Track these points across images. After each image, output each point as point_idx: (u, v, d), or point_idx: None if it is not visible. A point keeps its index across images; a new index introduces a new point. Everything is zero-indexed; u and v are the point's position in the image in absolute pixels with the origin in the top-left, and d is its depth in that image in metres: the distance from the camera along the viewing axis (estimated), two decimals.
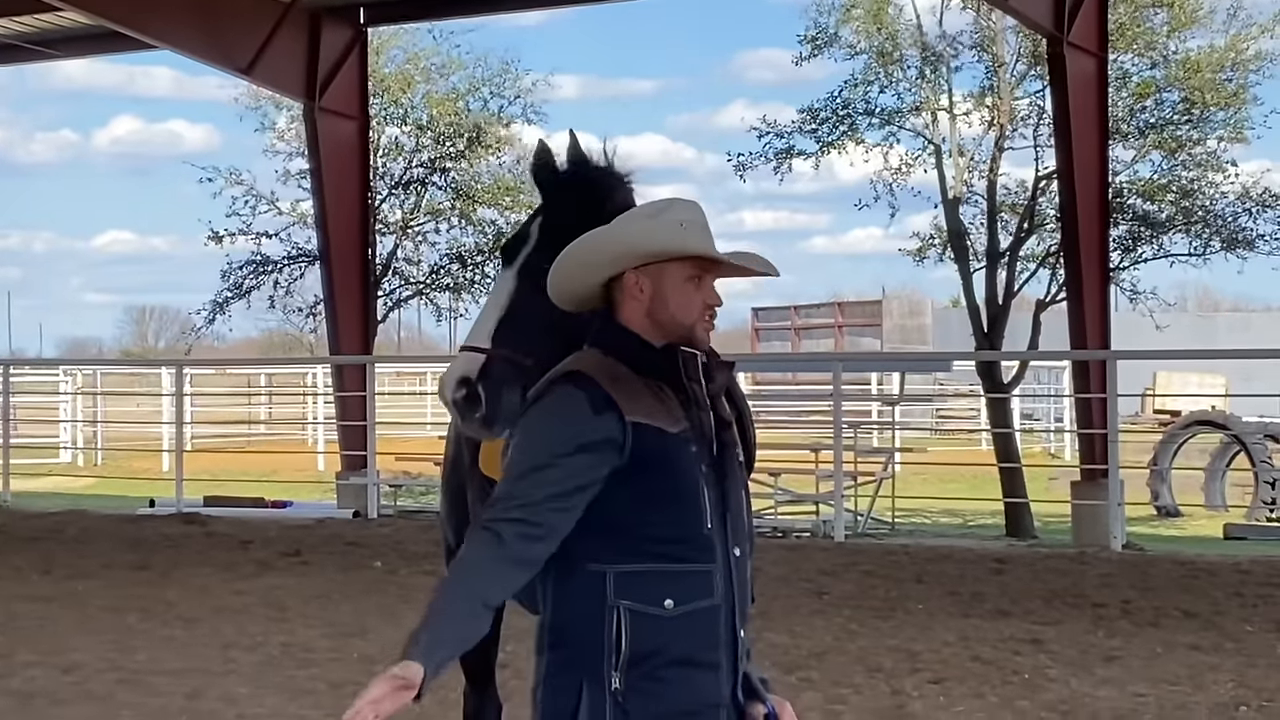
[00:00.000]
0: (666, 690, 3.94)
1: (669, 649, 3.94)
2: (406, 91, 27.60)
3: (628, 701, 3.92)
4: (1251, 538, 20.33)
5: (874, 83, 23.96)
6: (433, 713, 9.17)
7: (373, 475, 20.21)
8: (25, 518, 19.72)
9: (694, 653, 3.97)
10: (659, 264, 4.08)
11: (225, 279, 26.83)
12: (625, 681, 3.92)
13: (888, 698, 9.75)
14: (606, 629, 3.94)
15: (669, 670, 3.94)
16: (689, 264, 4.08)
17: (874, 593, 13.71)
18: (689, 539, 3.99)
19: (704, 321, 4.12)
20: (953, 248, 23.75)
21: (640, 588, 3.95)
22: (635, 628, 3.93)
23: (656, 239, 4.07)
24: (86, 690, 10.02)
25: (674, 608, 3.95)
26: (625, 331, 4.13)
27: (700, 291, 4.11)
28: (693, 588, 3.98)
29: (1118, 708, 9.44)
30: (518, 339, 4.75)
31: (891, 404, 29.54)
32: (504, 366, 4.75)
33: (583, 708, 3.94)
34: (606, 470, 3.95)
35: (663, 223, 4.10)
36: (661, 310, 4.09)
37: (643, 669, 3.93)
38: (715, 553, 4.02)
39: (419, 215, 27.75)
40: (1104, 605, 12.99)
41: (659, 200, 4.24)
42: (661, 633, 3.94)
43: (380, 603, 13.17)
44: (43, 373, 39.33)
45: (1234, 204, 23.05)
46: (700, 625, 3.98)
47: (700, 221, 4.13)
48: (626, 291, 4.11)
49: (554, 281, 4.26)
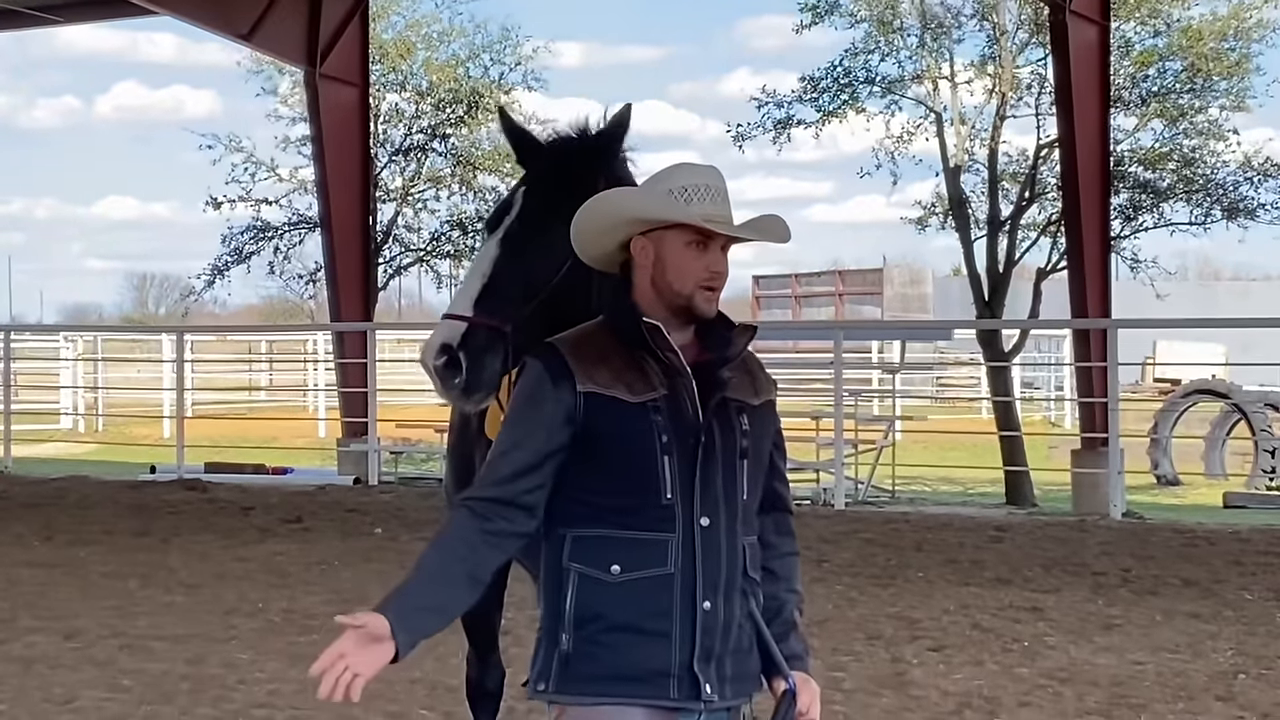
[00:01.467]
0: (607, 654, 3.97)
1: (612, 615, 3.97)
2: (407, 58, 27.57)
3: (570, 664, 3.98)
4: (1251, 506, 20.36)
5: (875, 51, 23.94)
6: (435, 678, 9.23)
7: (373, 442, 20.22)
8: (26, 484, 19.73)
9: (638, 619, 3.97)
10: (661, 229, 4.06)
11: (226, 245, 26.86)
12: (572, 643, 3.98)
13: (887, 665, 9.77)
14: (562, 590, 4.01)
15: (611, 635, 3.96)
16: (689, 229, 4.04)
17: (874, 560, 13.73)
18: (643, 508, 3.98)
19: (703, 290, 4.07)
20: (954, 216, 23.77)
21: (591, 552, 3.99)
22: (581, 591, 3.99)
23: (649, 205, 4.07)
24: (88, 656, 10.04)
25: (619, 574, 3.96)
26: (617, 301, 4.16)
27: (702, 258, 4.06)
28: (643, 556, 3.98)
29: (1117, 675, 9.46)
30: (499, 307, 4.73)
31: (892, 372, 29.55)
32: (484, 334, 4.72)
33: (538, 666, 4.04)
34: (567, 438, 3.99)
35: (658, 189, 4.09)
36: (661, 276, 4.07)
37: (586, 631, 3.97)
38: (675, 523, 3.99)
39: (419, 182, 27.75)
40: (1103, 573, 13.01)
41: (670, 165, 4.19)
42: (606, 597, 3.97)
43: (381, 569, 13.17)
44: (43, 339, 39.31)
45: (1235, 173, 23.04)
46: (649, 593, 3.97)
47: (708, 185, 4.08)
48: (635, 258, 4.12)
49: (576, 244, 4.28)
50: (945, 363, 38.75)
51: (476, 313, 4.74)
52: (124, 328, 62.03)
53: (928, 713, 8.66)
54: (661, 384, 4.03)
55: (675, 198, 4.04)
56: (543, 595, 4.11)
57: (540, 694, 4.03)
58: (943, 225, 24.46)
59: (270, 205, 26.94)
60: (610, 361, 4.04)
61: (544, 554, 4.11)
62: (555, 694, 4.01)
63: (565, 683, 4.00)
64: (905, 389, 33.82)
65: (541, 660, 4.04)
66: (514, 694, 6.74)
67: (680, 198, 4.04)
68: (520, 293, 4.75)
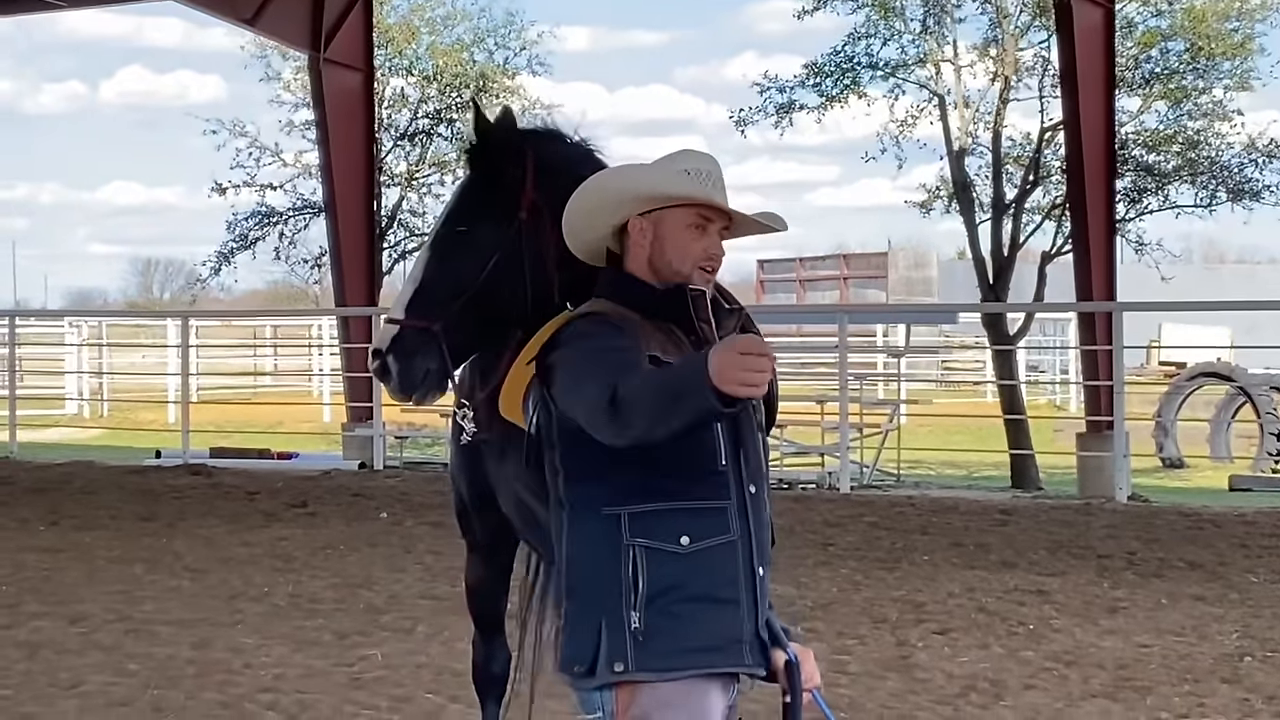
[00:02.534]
0: (686, 626, 3.94)
1: (686, 585, 3.94)
2: (411, 43, 27.53)
3: (648, 639, 3.92)
4: (1256, 489, 20.34)
5: (877, 35, 23.91)
6: (440, 662, 9.24)
7: (379, 427, 20.21)
8: (32, 469, 19.74)
9: (712, 589, 3.97)
10: (661, 210, 4.10)
11: (230, 230, 26.87)
12: (644, 619, 3.92)
13: (893, 648, 9.77)
14: (623, 569, 3.94)
15: (687, 606, 3.94)
16: (692, 211, 4.09)
17: (879, 544, 13.73)
18: (702, 477, 3.99)
19: (701, 272, 4.12)
20: (958, 200, 23.76)
21: (655, 526, 3.95)
22: (651, 565, 3.94)
23: (659, 182, 4.10)
24: (94, 641, 10.05)
25: (690, 544, 3.95)
26: (630, 278, 4.16)
27: (701, 241, 4.12)
28: (708, 524, 3.98)
29: (1122, 658, 9.46)
30: (428, 308, 4.90)
31: (897, 356, 29.52)
32: (414, 335, 4.89)
33: (603, 648, 3.94)
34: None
35: (668, 168, 4.13)
36: (660, 256, 4.11)
37: (660, 605, 3.93)
38: (730, 490, 4.02)
39: (424, 167, 27.73)
40: (1109, 556, 13.00)
41: (674, 151, 4.23)
42: (678, 569, 3.94)
43: (386, 553, 13.19)
44: (48, 324, 39.34)
45: (1240, 155, 23.00)
46: (717, 561, 3.98)
47: (711, 172, 4.13)
48: (632, 238, 4.14)
49: (568, 228, 4.30)
50: (950, 346, 38.76)
51: (408, 316, 4.91)
52: (129, 313, 62.16)
53: (933, 695, 8.66)
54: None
55: (690, 176, 4.09)
56: (582, 578, 4.04)
57: (619, 676, 3.94)
58: (947, 209, 24.46)
59: (275, 190, 26.97)
60: (652, 334, 4.05)
61: (580, 535, 4.05)
62: (636, 672, 3.94)
63: (646, 659, 3.94)
64: (910, 373, 33.81)
65: (606, 643, 3.95)
66: (518, 678, 6.74)
67: (695, 177, 4.09)
68: (449, 292, 4.90)
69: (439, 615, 10.49)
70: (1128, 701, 8.51)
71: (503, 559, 6.21)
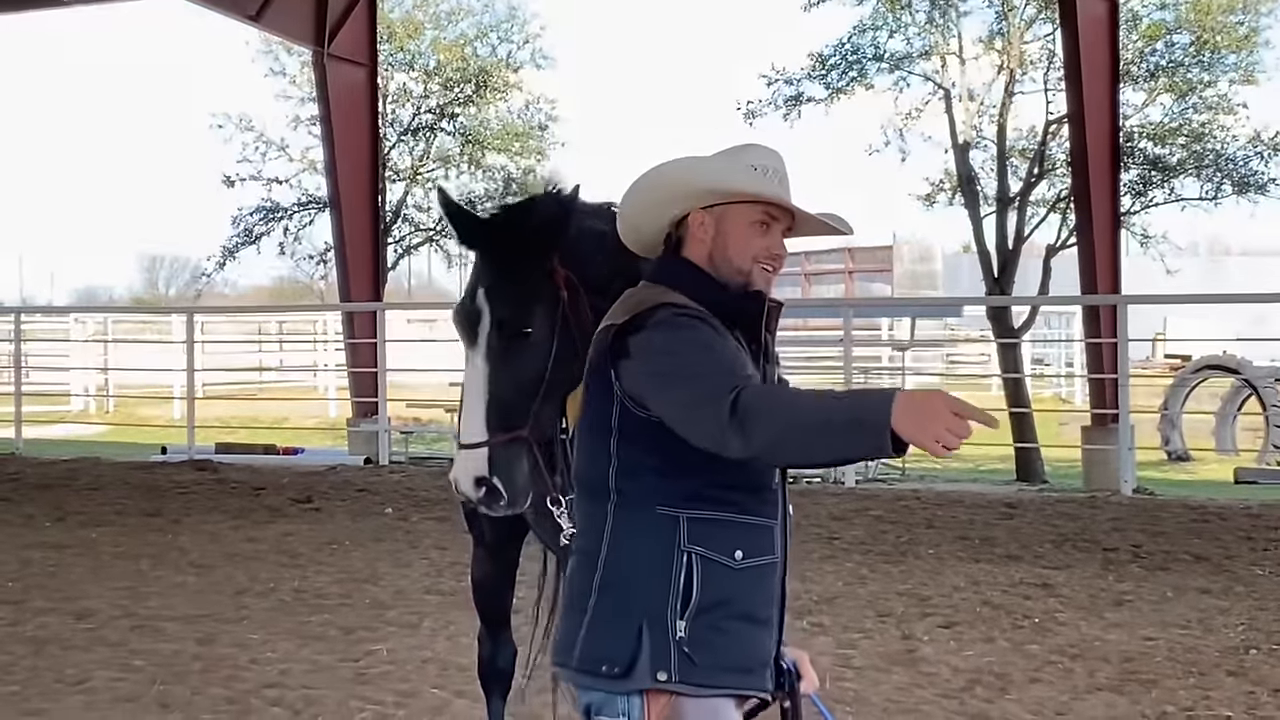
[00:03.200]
0: (728, 643, 3.85)
1: (735, 601, 3.85)
2: (415, 37, 27.57)
3: (694, 651, 3.80)
4: (1262, 482, 20.31)
5: (883, 28, 23.92)
6: (446, 657, 9.25)
7: (384, 422, 20.23)
8: (38, 465, 19.75)
9: (754, 608, 3.90)
10: (725, 205, 3.99)
11: (236, 225, 26.93)
12: (690, 630, 3.80)
13: (898, 642, 9.77)
14: (674, 574, 3.82)
15: (732, 623, 3.85)
16: (757, 208, 3.99)
17: (884, 538, 13.72)
18: (759, 492, 3.91)
19: (761, 269, 4.01)
20: (963, 193, 23.75)
21: (714, 536, 3.84)
22: (706, 576, 3.82)
23: (728, 178, 3.99)
24: (100, 637, 10.05)
25: (742, 560, 3.86)
26: (701, 272, 4.01)
27: (765, 238, 4.01)
28: (759, 542, 3.91)
29: (1128, 651, 9.45)
30: (509, 418, 4.71)
31: (902, 349, 29.55)
32: (505, 449, 4.72)
33: (644, 652, 3.80)
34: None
35: (736, 163, 4.02)
36: (720, 252, 3.99)
37: (708, 619, 3.82)
38: (777, 509, 3.97)
39: (428, 162, 27.77)
40: (1114, 549, 13.00)
41: (738, 144, 4.13)
42: (730, 584, 3.84)
43: (391, 549, 13.20)
44: (54, 320, 39.38)
45: (1245, 147, 23.00)
46: (761, 580, 3.92)
47: (777, 169, 4.04)
48: (691, 232, 4.03)
49: (623, 216, 4.18)
50: (955, 339, 38.77)
51: (491, 434, 4.71)
52: (135, 309, 62.05)
53: (938, 689, 8.65)
54: (753, 366, 3.95)
55: (758, 173, 4.00)
56: (622, 575, 3.86)
57: (661, 685, 3.79)
58: (951, 202, 24.47)
59: (280, 185, 27.02)
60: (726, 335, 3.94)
61: (628, 530, 3.88)
62: (679, 684, 3.80)
63: (691, 672, 3.80)
64: (915, 366, 33.78)
65: (648, 648, 3.79)
66: (524, 673, 6.74)
67: (763, 176, 4.00)
68: (522, 397, 4.75)
69: (445, 610, 10.49)
70: (1133, 694, 8.50)
71: (509, 554, 6.21)
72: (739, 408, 3.55)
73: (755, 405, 3.55)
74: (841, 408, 3.52)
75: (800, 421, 3.54)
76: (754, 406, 3.55)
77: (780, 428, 3.54)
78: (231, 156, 27.94)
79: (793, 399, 3.63)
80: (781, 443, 3.56)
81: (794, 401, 3.62)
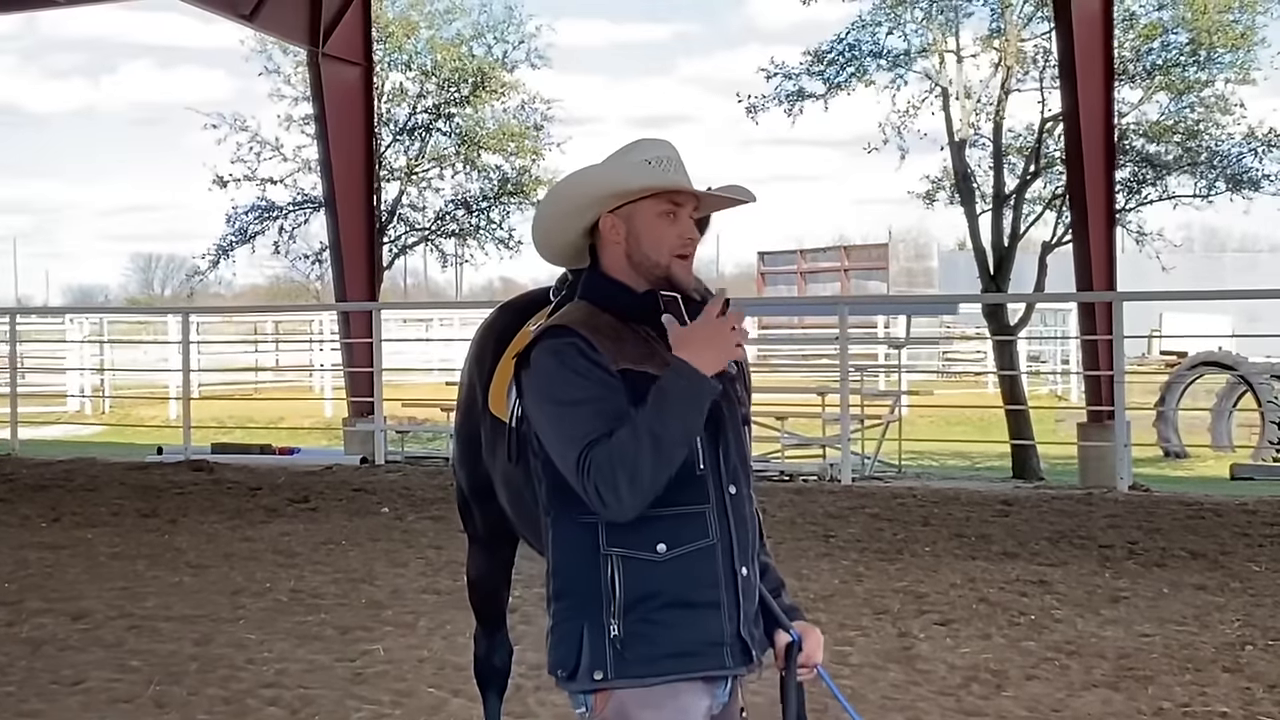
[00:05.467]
0: (663, 632, 3.94)
1: (664, 592, 3.94)
2: (410, 37, 27.57)
3: (627, 647, 3.93)
4: (1258, 478, 20.34)
5: (882, 24, 23.94)
6: (442, 656, 9.25)
7: (380, 421, 20.22)
8: (33, 466, 19.74)
9: (691, 594, 3.96)
10: (631, 204, 4.06)
11: (230, 224, 26.93)
12: (623, 627, 3.92)
13: (894, 639, 9.77)
14: (603, 577, 3.94)
15: (665, 612, 3.94)
16: (661, 199, 4.06)
17: (881, 535, 13.72)
18: (680, 482, 3.94)
19: (679, 259, 4.09)
20: (959, 190, 23.78)
21: (632, 534, 3.92)
22: (629, 574, 3.94)
23: (622, 178, 4.05)
24: (96, 637, 10.05)
25: (667, 551, 3.94)
26: (606, 279, 4.13)
27: (675, 227, 4.08)
28: (686, 530, 3.97)
29: (1124, 648, 9.46)
30: None
31: (898, 347, 29.55)
32: None
33: (583, 654, 3.96)
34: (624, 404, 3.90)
35: (627, 161, 4.08)
36: (636, 250, 4.07)
37: (639, 613, 3.93)
38: (708, 493, 4.01)
39: (423, 161, 27.77)
40: (1110, 546, 13.00)
41: (635, 141, 4.19)
42: (656, 577, 3.94)
43: (387, 548, 13.19)
44: (50, 321, 39.39)
45: (1239, 144, 23.03)
46: (696, 566, 3.98)
47: (670, 156, 4.10)
48: (605, 237, 4.11)
49: (537, 238, 4.26)
50: (951, 337, 38.79)
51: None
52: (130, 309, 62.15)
53: (935, 686, 8.66)
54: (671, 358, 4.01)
55: (651, 166, 4.06)
56: (567, 582, 4.04)
57: (598, 684, 3.95)
58: (949, 200, 24.49)
59: (275, 185, 27.03)
60: (623, 338, 4.01)
61: (562, 541, 4.05)
62: (615, 680, 3.94)
63: (625, 667, 3.93)
64: (911, 363, 33.85)
65: (587, 650, 3.95)
66: (520, 671, 6.75)
67: (657, 167, 4.06)
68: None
69: (441, 610, 10.49)
70: (1129, 691, 8.51)
71: (504, 552, 6.20)
72: (590, 476, 3.81)
73: (598, 468, 3.80)
74: (656, 413, 3.79)
75: (637, 457, 3.78)
76: (597, 468, 3.80)
77: (627, 478, 3.78)
78: (225, 156, 27.97)
79: (621, 442, 3.80)
80: (638, 485, 3.80)
81: (623, 443, 3.79)
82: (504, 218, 28.09)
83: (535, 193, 27.76)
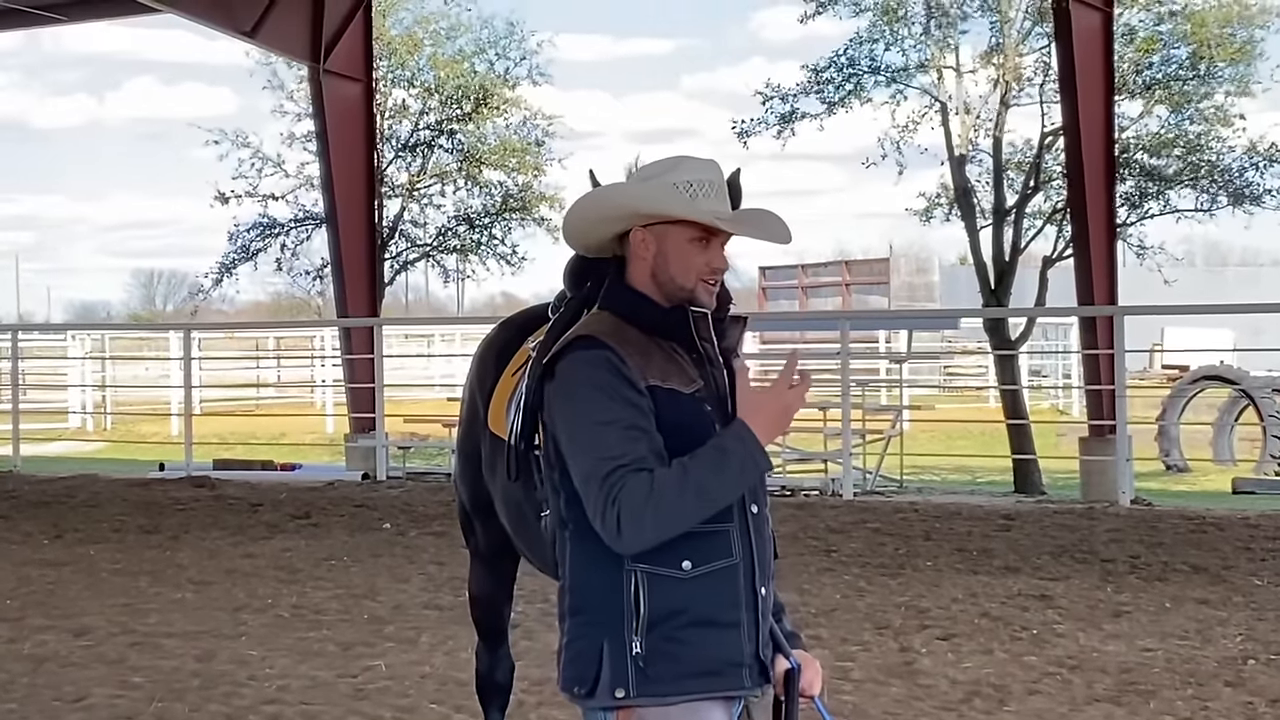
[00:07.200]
0: (687, 650, 3.91)
1: (689, 610, 3.91)
2: (413, 54, 27.58)
3: (649, 665, 3.89)
4: (1260, 492, 20.34)
5: (880, 40, 23.95)
6: (445, 672, 9.25)
7: (381, 437, 20.22)
8: (35, 483, 19.74)
9: (714, 613, 3.94)
10: (664, 224, 4.04)
11: (233, 241, 26.93)
12: (645, 644, 3.89)
13: (896, 654, 9.77)
14: (625, 593, 3.90)
15: (689, 631, 3.91)
16: (694, 226, 4.03)
17: (882, 550, 13.73)
18: None
19: (705, 285, 4.07)
20: (959, 205, 23.78)
21: (657, 551, 3.88)
22: (654, 591, 3.90)
23: (657, 200, 4.03)
24: (98, 654, 10.05)
25: (692, 569, 3.91)
26: (633, 292, 4.10)
27: (705, 254, 4.05)
28: (710, 548, 3.95)
29: (1126, 662, 9.46)
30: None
31: (899, 362, 29.52)
32: None
33: (604, 670, 3.92)
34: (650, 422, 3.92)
35: (665, 183, 4.05)
36: (662, 270, 4.06)
37: (662, 631, 3.90)
38: (732, 511, 3.98)
39: (425, 178, 27.77)
40: (1112, 560, 13.00)
41: (670, 158, 4.16)
42: (680, 594, 3.91)
43: (389, 564, 13.20)
44: (51, 337, 39.39)
45: (1241, 158, 23.02)
46: (720, 585, 3.96)
47: (712, 181, 4.07)
48: (634, 249, 4.09)
49: (567, 232, 4.26)
50: (952, 351, 38.79)
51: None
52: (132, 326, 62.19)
53: (937, 701, 8.66)
54: (697, 374, 4.04)
55: (681, 192, 4.03)
56: (584, 598, 4.00)
57: (619, 701, 3.91)
58: (948, 215, 24.48)
59: (277, 201, 27.03)
60: (651, 354, 4.00)
61: (580, 555, 4.01)
62: (638, 697, 3.90)
63: (647, 685, 3.90)
64: (912, 378, 33.83)
65: (608, 667, 3.91)
66: (522, 687, 6.75)
67: (686, 192, 4.03)
68: None
69: (443, 625, 10.49)
70: (1131, 706, 8.51)
71: (506, 568, 6.20)
72: (614, 502, 3.81)
73: (629, 497, 3.79)
74: (711, 473, 3.81)
75: (676, 505, 3.80)
76: (629, 496, 3.80)
77: (656, 520, 3.80)
78: (228, 172, 27.96)
79: (664, 484, 3.80)
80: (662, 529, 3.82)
81: (666, 486, 3.79)
82: (505, 234, 28.08)
83: (537, 209, 27.76)
